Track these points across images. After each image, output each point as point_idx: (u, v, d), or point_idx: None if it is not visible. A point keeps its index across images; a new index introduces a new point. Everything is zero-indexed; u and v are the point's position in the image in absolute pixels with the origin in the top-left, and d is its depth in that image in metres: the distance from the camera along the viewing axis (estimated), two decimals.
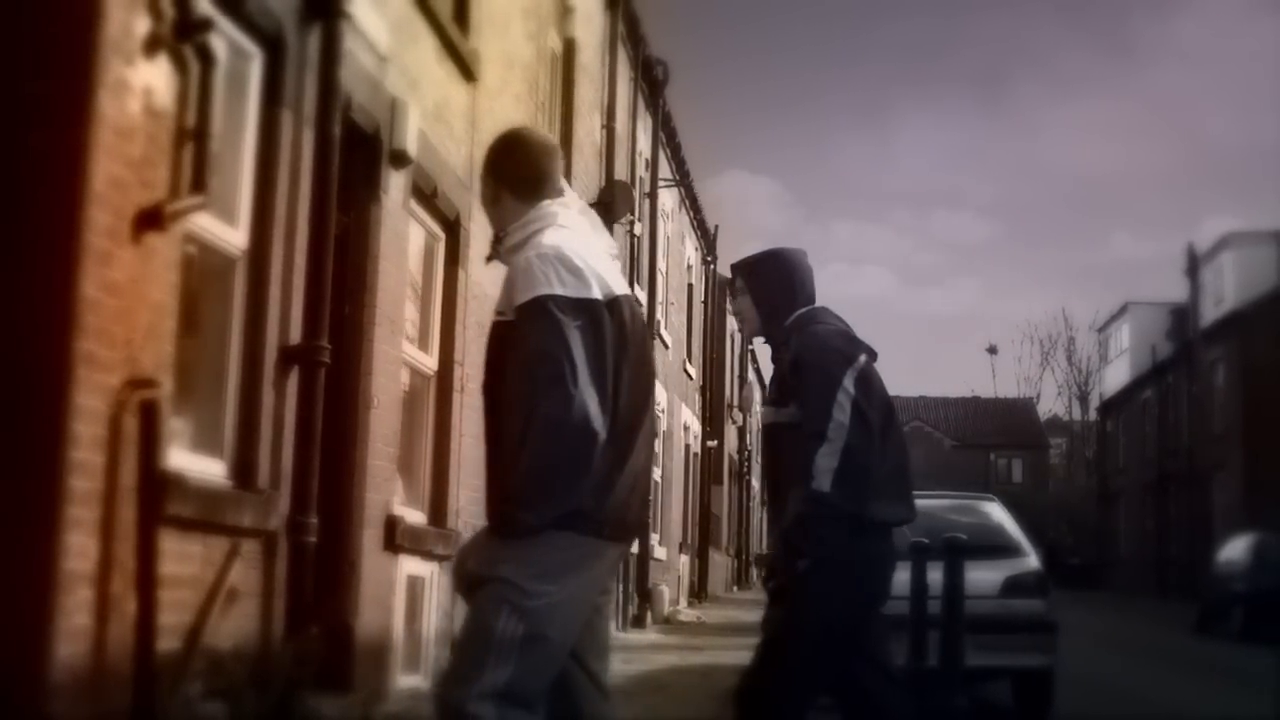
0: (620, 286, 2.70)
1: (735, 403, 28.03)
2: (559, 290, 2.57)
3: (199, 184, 4.16)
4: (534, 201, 2.78)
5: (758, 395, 28.40)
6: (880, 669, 3.56)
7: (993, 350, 72.43)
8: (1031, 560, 7.78)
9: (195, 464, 4.43)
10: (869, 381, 3.47)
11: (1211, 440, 31.18)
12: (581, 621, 2.66)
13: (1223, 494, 30.15)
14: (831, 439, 3.33)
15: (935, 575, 5.92)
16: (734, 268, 3.90)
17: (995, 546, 7.67)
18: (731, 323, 24.63)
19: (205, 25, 4.13)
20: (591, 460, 2.52)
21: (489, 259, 2.85)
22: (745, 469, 30.81)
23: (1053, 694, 7.70)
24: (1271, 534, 19.46)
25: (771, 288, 3.65)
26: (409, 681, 6.34)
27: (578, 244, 2.67)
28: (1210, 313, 32.31)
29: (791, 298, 3.61)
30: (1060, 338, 64.40)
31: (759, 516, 33.79)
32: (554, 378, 2.50)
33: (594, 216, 2.84)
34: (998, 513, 8.19)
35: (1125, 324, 40.83)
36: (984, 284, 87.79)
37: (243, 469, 4.72)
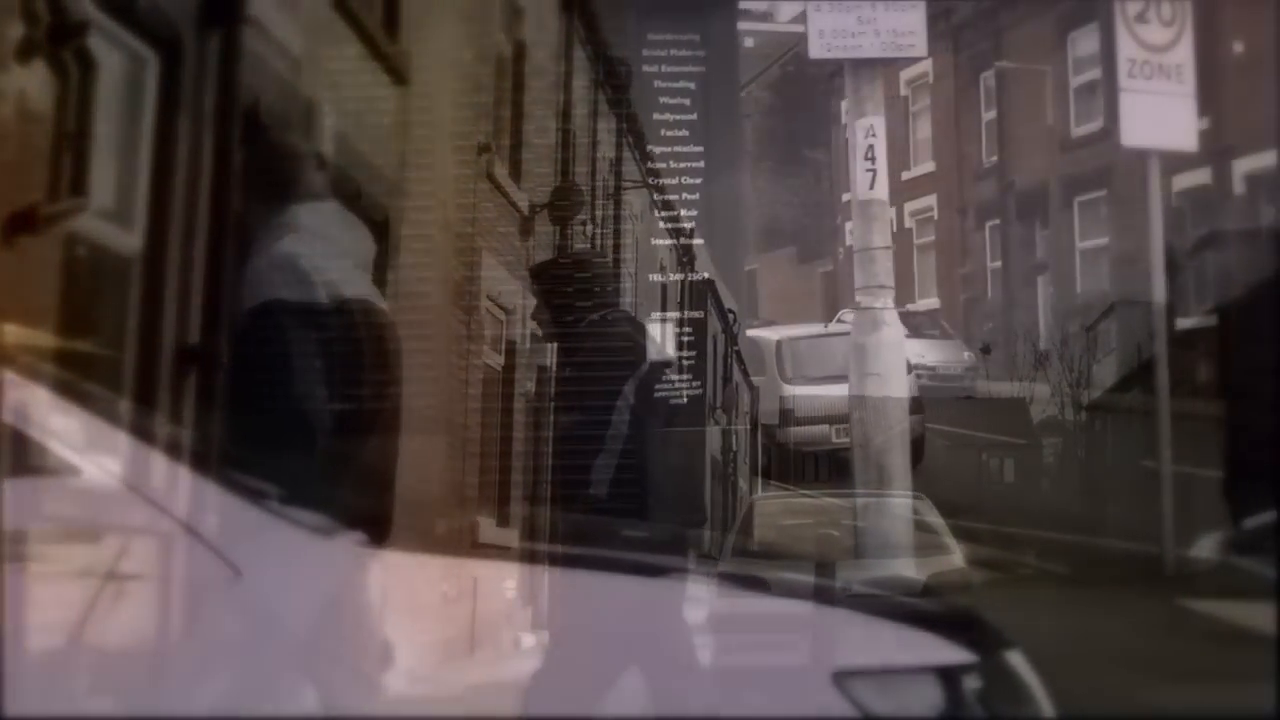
0: (356, 289, 2.76)
1: (718, 403, 28.04)
2: (283, 295, 2.63)
3: (78, 187, 4.22)
4: (284, 206, 2.83)
5: (747, 396, 28.41)
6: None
7: (986, 350, 72.37)
8: (957, 559, 7.84)
9: (84, 464, 4.48)
10: (651, 388, 3.51)
11: (1195, 437, 31.27)
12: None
13: (1205, 490, 30.24)
14: (608, 447, 3.39)
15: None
16: (530, 271, 3.96)
17: (923, 545, 7.73)
18: (713, 324, 24.64)
19: (82, 30, 4.19)
20: (312, 461, 2.57)
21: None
22: (730, 469, 30.76)
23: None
24: (1246, 528, 19.52)
25: (561, 291, 3.69)
26: None
27: (317, 248, 2.73)
28: (1193, 310, 32.39)
29: (584, 301, 3.64)
30: (1053, 335, 64.48)
31: None
32: (274, 383, 2.56)
33: (350, 218, 2.90)
34: (929, 513, 8.24)
35: (1113, 322, 40.92)
36: (979, 281, 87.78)
37: (136, 468, 4.76)
